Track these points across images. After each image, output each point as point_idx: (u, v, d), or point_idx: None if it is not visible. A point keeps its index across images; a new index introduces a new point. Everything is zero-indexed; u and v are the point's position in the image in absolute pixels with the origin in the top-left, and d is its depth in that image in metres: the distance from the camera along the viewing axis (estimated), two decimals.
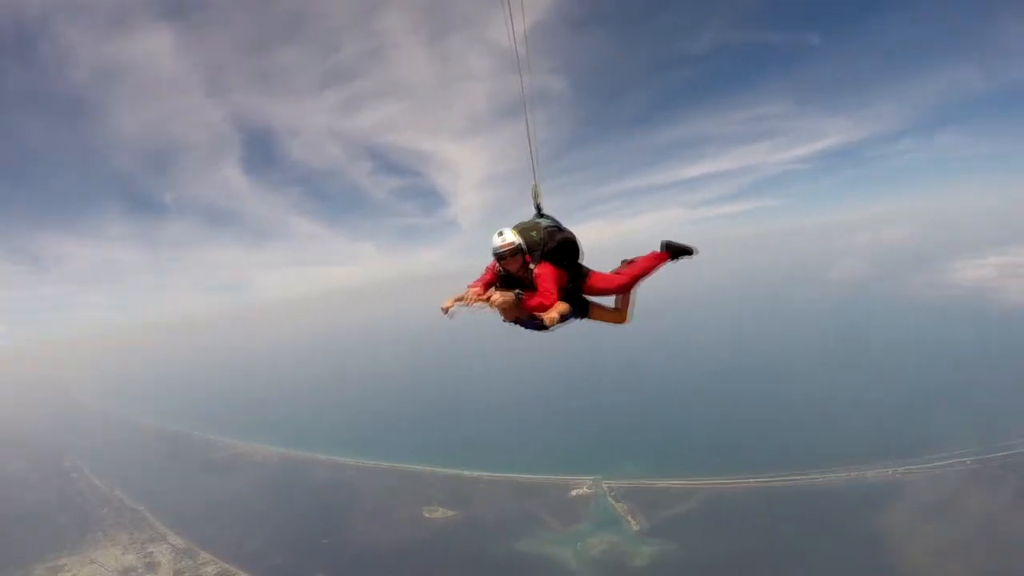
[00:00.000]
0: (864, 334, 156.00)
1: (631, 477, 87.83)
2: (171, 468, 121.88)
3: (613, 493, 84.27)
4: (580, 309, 7.92)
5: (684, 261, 8.19)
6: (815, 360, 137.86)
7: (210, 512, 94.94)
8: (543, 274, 7.38)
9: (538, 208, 8.32)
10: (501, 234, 7.46)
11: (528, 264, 7.50)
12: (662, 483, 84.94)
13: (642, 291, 8.28)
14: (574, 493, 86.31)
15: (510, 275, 7.58)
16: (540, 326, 7.29)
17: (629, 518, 77.63)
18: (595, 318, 8.36)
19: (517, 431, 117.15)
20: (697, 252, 8.05)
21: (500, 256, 7.42)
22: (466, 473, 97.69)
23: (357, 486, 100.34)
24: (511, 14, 7.51)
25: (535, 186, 8.24)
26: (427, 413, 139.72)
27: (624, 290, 8.25)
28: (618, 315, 8.49)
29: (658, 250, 8.15)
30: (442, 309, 7.03)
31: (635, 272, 8.07)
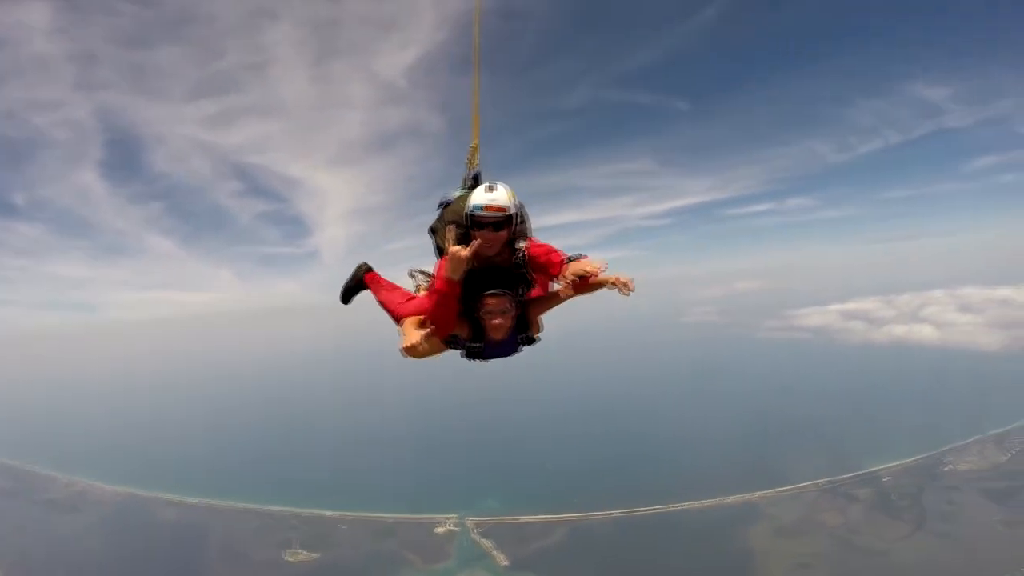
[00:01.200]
0: (718, 373, 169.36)
1: (495, 513, 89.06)
2: (7, 507, 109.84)
3: (478, 529, 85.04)
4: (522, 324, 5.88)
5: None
6: (671, 398, 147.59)
7: (51, 555, 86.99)
8: (542, 249, 5.55)
9: (475, 179, 6.49)
10: (492, 189, 5.33)
11: (515, 243, 5.53)
12: (525, 518, 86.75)
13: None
14: (439, 531, 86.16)
15: (479, 267, 5.44)
16: (519, 342, 5.88)
17: (495, 553, 78.96)
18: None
19: (378, 468, 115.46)
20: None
21: (482, 223, 5.26)
22: (328, 513, 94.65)
23: (210, 527, 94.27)
24: None
25: (474, 149, 6.53)
26: (284, 450, 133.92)
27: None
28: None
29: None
30: (405, 351, 5.53)
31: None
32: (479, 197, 5.26)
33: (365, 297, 6.62)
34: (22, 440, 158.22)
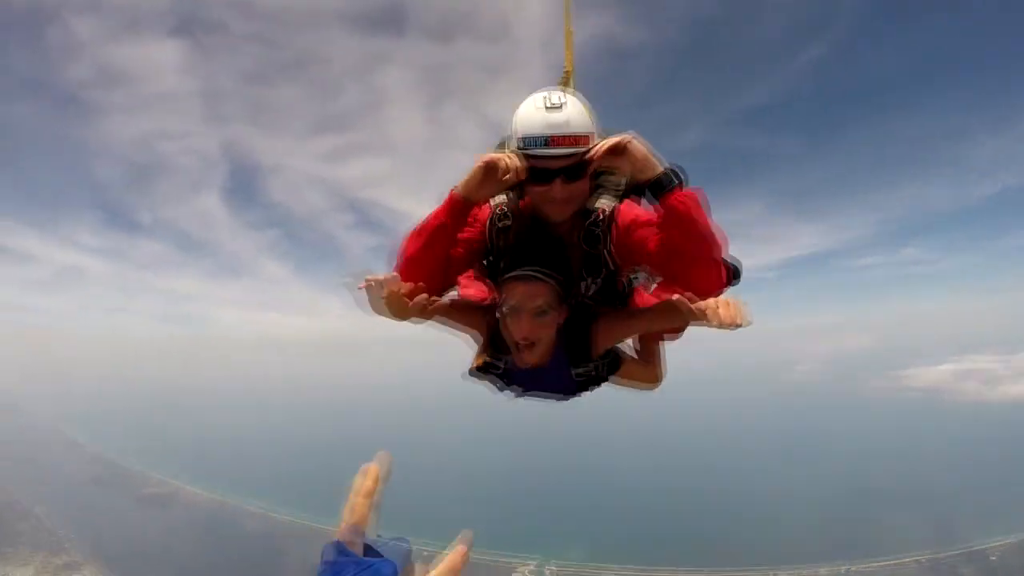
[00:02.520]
0: (820, 433, 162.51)
1: (576, 562, 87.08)
2: (100, 496, 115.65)
3: None
4: (605, 360, 3.63)
5: None
6: (769, 457, 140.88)
7: (133, 549, 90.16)
8: (639, 218, 3.16)
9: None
10: (555, 104, 2.87)
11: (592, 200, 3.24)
12: (607, 570, 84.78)
13: None
14: (515, 575, 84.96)
15: (526, 232, 3.27)
16: (579, 378, 3.55)
17: None
18: (622, 376, 4.03)
19: (462, 502, 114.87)
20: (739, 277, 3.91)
21: (547, 173, 2.93)
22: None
23: (290, 544, 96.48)
24: None
25: (567, 74, 4.57)
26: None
27: (669, 333, 4.26)
28: (652, 372, 4.28)
29: None
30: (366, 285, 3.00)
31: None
32: (535, 118, 2.87)
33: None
34: (123, 435, 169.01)
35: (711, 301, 2.76)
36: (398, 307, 3.02)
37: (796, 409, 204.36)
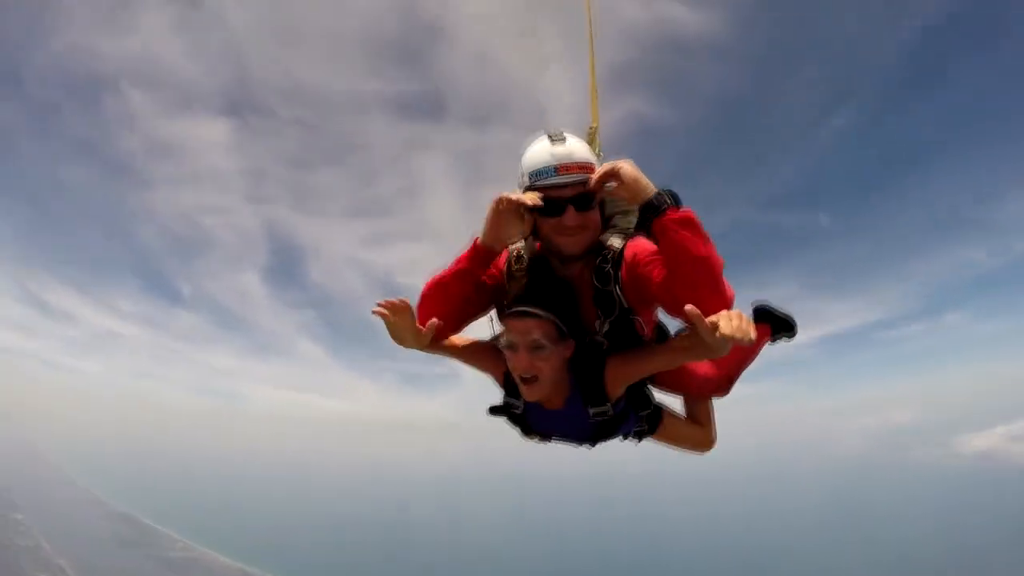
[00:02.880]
0: (866, 505, 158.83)
1: None
2: (123, 554, 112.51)
3: None
4: (647, 416, 3.69)
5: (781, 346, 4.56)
6: (815, 532, 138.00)
7: None
8: (650, 255, 2.97)
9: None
10: (558, 138, 3.03)
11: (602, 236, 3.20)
12: None
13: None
14: None
15: (537, 272, 3.28)
16: (602, 421, 3.35)
17: None
18: (666, 436, 3.99)
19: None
20: (796, 330, 4.36)
21: (557, 203, 2.96)
22: None
23: None
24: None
25: (593, 130, 4.10)
26: (398, 560, 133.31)
27: (712, 387, 4.09)
28: (701, 434, 4.17)
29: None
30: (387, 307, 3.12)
31: (739, 356, 4.05)
32: (541, 152, 3.00)
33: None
34: (152, 497, 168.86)
35: (721, 313, 2.57)
36: (411, 333, 3.20)
37: (841, 483, 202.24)
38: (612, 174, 2.80)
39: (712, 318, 2.53)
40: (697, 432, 4.15)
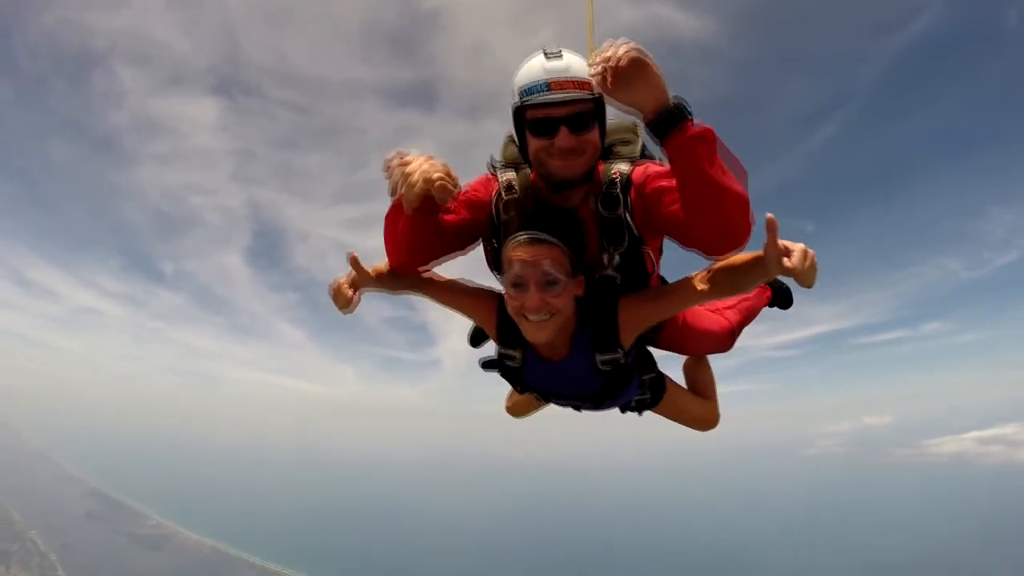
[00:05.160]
0: (841, 506, 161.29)
1: None
2: (95, 529, 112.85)
3: None
4: (649, 383, 3.32)
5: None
6: (790, 532, 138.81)
7: None
8: (659, 179, 2.62)
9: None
10: (558, 55, 2.55)
11: (606, 160, 2.84)
12: None
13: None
14: None
15: (532, 199, 2.81)
16: (611, 376, 2.92)
17: None
18: (669, 409, 3.65)
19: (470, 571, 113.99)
20: (791, 303, 4.16)
21: (548, 122, 2.56)
22: None
23: None
24: None
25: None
26: (370, 544, 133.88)
27: (714, 341, 3.74)
28: (706, 408, 3.94)
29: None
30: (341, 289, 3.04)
31: (746, 309, 3.88)
32: (533, 68, 2.58)
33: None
34: (125, 474, 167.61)
35: (798, 244, 2.32)
36: (365, 280, 3.01)
37: (817, 484, 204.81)
38: (628, 63, 2.14)
39: (786, 243, 2.31)
40: (702, 406, 3.86)
